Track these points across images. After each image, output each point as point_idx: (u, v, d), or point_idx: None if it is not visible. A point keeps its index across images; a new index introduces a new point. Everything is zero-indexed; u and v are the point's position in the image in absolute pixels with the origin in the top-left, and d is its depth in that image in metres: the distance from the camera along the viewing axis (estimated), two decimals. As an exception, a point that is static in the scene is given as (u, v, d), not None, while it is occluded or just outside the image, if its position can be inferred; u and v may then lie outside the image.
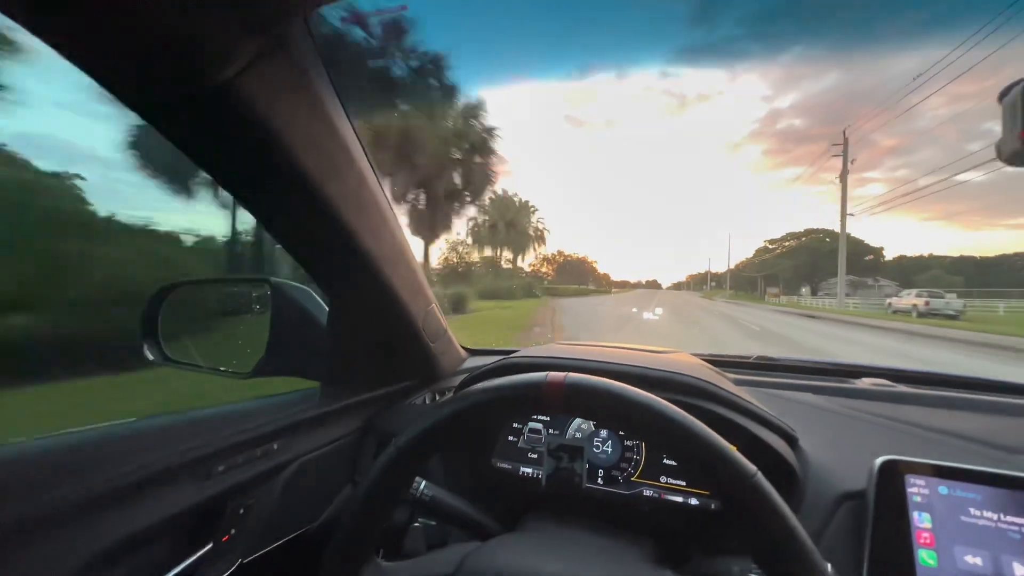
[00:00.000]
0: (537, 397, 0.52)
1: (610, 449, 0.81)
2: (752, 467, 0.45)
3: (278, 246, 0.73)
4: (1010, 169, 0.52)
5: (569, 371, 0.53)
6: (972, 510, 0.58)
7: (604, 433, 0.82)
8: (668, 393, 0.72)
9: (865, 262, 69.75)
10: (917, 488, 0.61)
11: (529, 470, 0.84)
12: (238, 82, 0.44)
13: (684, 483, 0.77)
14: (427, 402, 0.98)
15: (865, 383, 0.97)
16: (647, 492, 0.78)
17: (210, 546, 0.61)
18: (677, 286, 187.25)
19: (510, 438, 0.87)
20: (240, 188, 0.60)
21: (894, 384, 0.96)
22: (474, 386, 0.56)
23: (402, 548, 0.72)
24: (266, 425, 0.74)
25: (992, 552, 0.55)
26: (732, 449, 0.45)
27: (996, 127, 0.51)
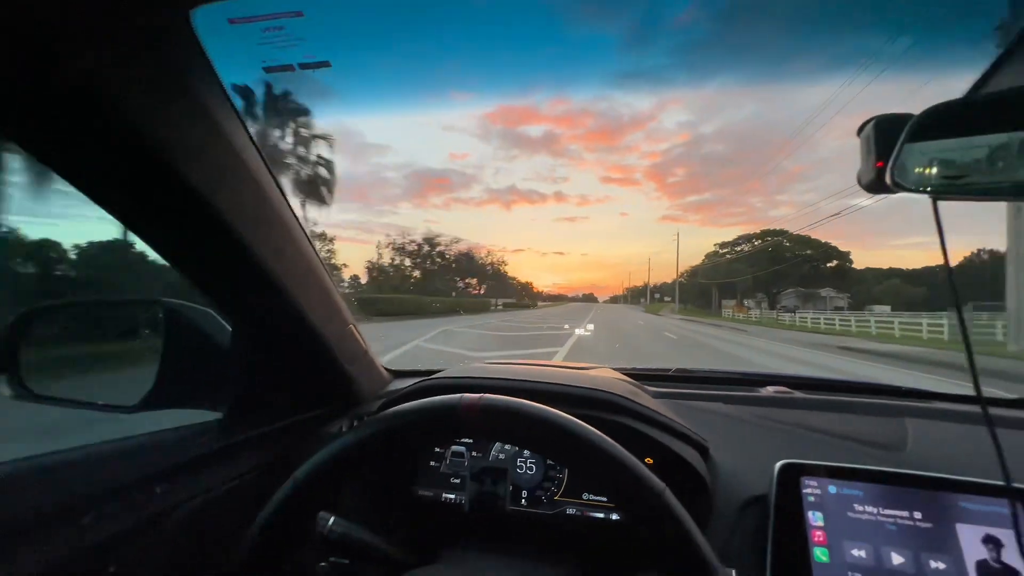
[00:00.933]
0: (453, 420, 0.50)
1: (534, 469, 0.80)
2: (660, 484, 0.45)
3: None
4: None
5: (487, 392, 0.52)
6: (856, 506, 0.63)
7: (527, 452, 0.82)
8: (587, 410, 0.73)
9: (827, 269, 58.29)
10: (811, 489, 0.65)
11: (452, 496, 0.81)
12: (102, 80, 0.40)
13: (606, 499, 0.77)
14: (344, 429, 0.93)
15: (769, 391, 1.04)
16: (570, 510, 0.77)
17: None
18: (614, 299, 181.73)
19: (432, 463, 0.84)
20: (114, 202, 0.53)
21: (793, 391, 1.03)
22: (384, 412, 0.53)
23: None
24: (153, 464, 0.65)
25: (873, 544, 0.60)
26: (642, 467, 0.46)
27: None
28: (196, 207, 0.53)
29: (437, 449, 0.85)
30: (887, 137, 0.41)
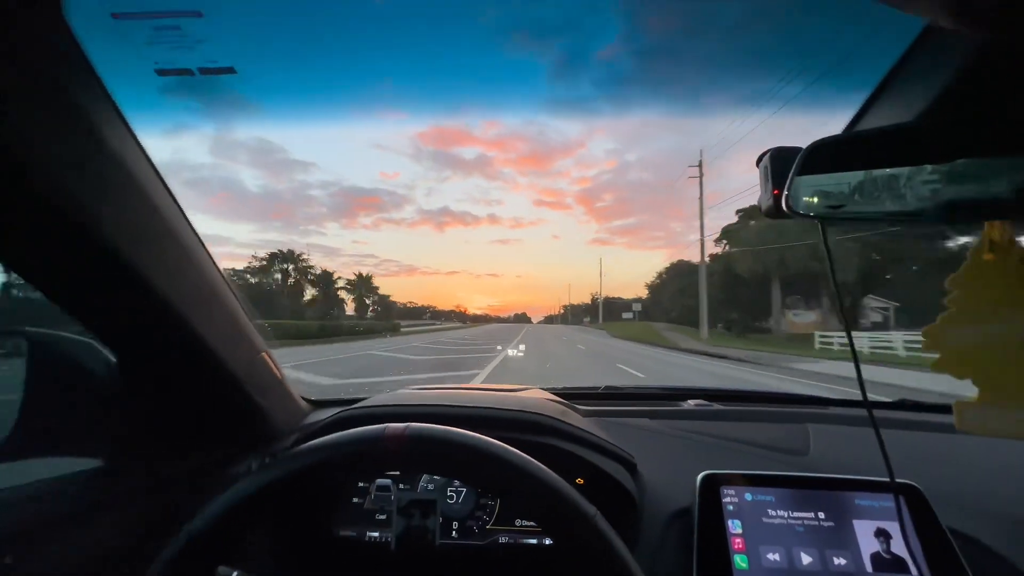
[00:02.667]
0: (377, 453, 0.47)
1: (464, 499, 0.77)
2: (592, 508, 0.45)
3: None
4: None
5: (412, 419, 0.49)
6: (769, 511, 0.67)
7: (457, 482, 0.78)
8: (517, 433, 0.72)
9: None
10: (730, 498, 0.68)
11: (376, 534, 0.76)
12: None
13: (538, 524, 0.76)
14: (253, 469, 0.83)
15: (690, 404, 1.09)
16: (503, 539, 0.75)
17: None
18: (550, 319, 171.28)
19: (355, 500, 0.78)
20: None
21: (711, 403, 1.10)
22: (298, 448, 0.48)
23: None
24: (12, 524, 0.55)
25: (785, 547, 0.64)
26: (573, 492, 0.45)
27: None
28: (70, 224, 0.46)
29: (361, 484, 0.79)
30: (781, 167, 0.45)
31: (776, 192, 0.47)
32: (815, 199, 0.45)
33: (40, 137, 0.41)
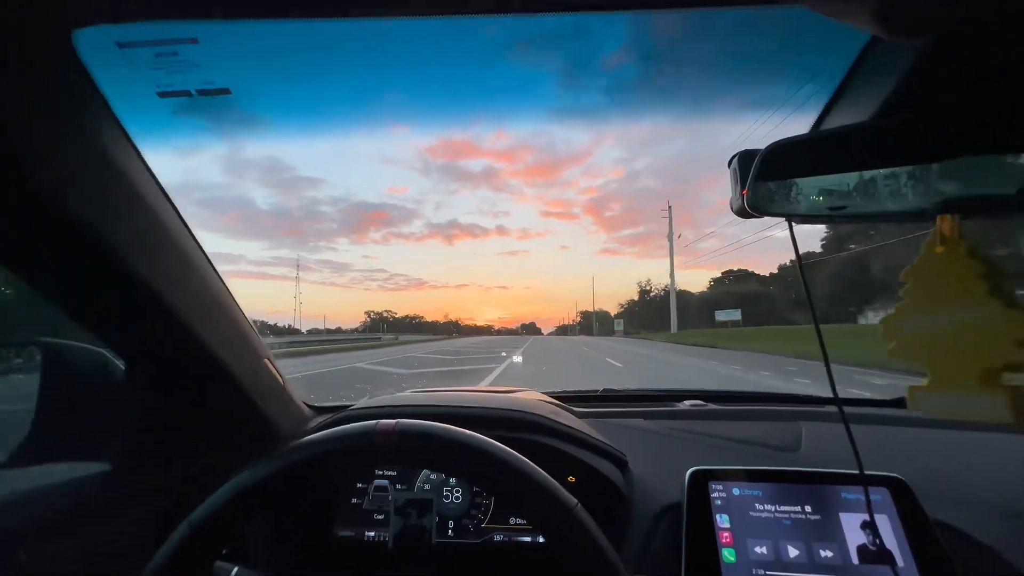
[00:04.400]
0: (368, 448, 0.49)
1: (460, 498, 0.79)
2: (572, 500, 0.47)
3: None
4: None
5: (402, 418, 0.52)
6: (757, 505, 0.68)
7: (453, 481, 0.80)
8: (508, 431, 0.74)
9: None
10: (718, 493, 0.69)
11: (373, 533, 0.78)
12: None
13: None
14: None
15: (685, 405, 1.10)
16: (497, 537, 0.77)
17: None
18: (563, 329, 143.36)
19: (354, 500, 0.80)
20: None
21: (706, 403, 1.11)
22: (293, 443, 0.51)
23: None
24: (30, 521, 0.58)
25: (773, 540, 0.65)
26: (554, 483, 0.47)
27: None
28: (82, 237, 0.49)
29: (359, 484, 0.81)
30: (749, 169, 0.48)
31: (744, 193, 0.49)
32: (778, 199, 0.47)
33: (51, 156, 0.45)
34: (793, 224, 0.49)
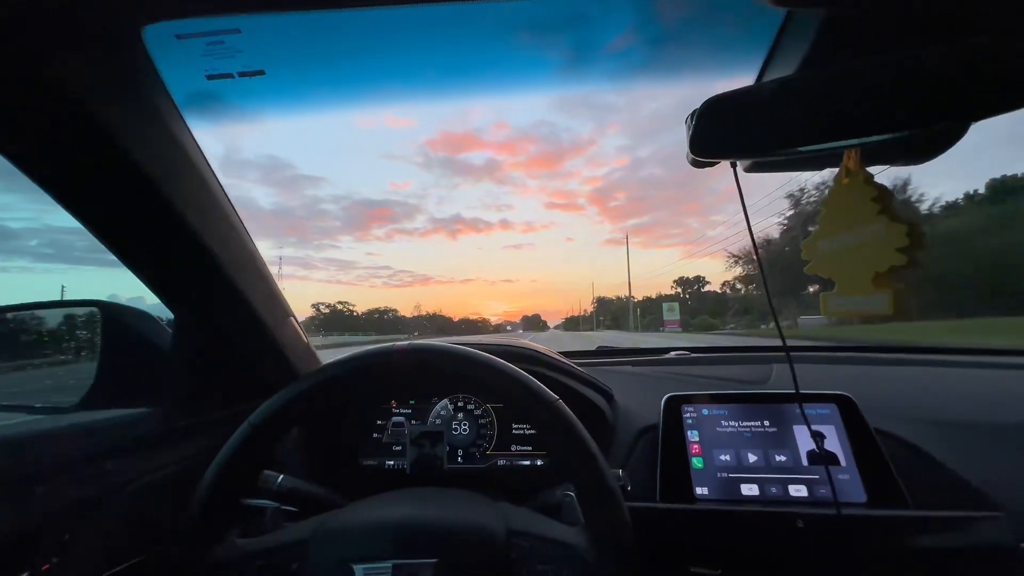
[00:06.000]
0: (390, 363, 0.60)
1: (467, 429, 0.91)
2: (552, 395, 0.57)
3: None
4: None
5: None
6: (723, 422, 0.79)
7: (461, 415, 0.92)
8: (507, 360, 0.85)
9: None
10: (689, 414, 0.80)
11: (393, 462, 0.89)
12: (66, 86, 0.47)
13: (531, 448, 0.89)
14: None
15: (671, 355, 1.21)
16: (500, 462, 0.88)
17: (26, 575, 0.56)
18: (572, 321, 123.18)
19: (375, 435, 0.92)
20: (73, 200, 0.58)
21: (691, 353, 1.21)
22: (331, 361, 0.62)
23: (261, 528, 0.71)
24: (98, 444, 0.69)
25: (735, 449, 0.76)
26: (536, 383, 0.58)
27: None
28: (148, 201, 0.59)
29: (379, 422, 0.93)
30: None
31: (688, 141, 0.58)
32: (727, 145, 0.56)
33: (121, 132, 0.55)
34: (737, 169, 0.58)
